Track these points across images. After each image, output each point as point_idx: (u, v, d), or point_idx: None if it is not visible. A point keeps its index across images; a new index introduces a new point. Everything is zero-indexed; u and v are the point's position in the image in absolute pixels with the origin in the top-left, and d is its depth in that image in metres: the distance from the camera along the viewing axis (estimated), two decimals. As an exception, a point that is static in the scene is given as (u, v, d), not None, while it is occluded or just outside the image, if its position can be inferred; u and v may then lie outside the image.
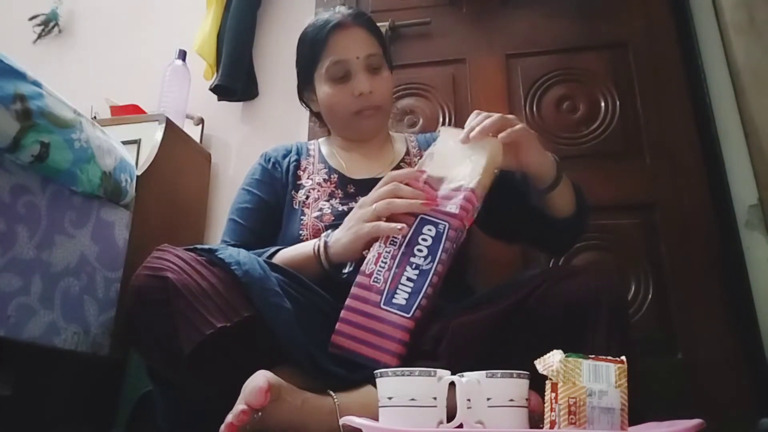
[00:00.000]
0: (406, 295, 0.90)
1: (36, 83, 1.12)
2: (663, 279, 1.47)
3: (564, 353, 0.70)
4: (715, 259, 1.45)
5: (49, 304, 1.16)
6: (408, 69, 1.75)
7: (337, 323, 0.91)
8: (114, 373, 1.35)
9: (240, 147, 1.92)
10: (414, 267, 0.91)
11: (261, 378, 0.77)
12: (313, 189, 1.19)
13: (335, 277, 1.02)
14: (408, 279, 0.91)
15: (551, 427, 0.68)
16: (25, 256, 1.12)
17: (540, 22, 1.74)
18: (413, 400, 0.72)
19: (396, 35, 1.79)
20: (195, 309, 0.84)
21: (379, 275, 0.92)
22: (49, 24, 2.23)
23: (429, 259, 0.91)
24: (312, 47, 1.21)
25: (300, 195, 1.19)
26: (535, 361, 0.73)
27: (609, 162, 1.58)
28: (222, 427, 0.74)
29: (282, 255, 1.06)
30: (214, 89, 1.88)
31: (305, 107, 1.34)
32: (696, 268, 1.45)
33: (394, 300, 0.90)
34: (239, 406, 0.75)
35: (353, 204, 1.08)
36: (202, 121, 1.92)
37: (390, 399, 0.73)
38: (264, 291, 0.88)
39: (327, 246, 1.01)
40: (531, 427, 0.76)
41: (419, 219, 0.94)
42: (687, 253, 1.47)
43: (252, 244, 1.11)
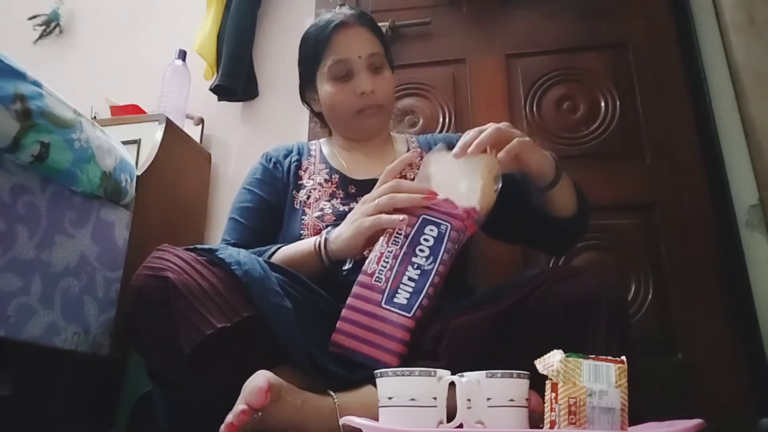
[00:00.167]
0: (407, 295, 0.90)
1: (36, 83, 1.12)
2: (663, 279, 1.47)
3: (564, 353, 0.70)
4: (715, 259, 1.45)
5: (49, 304, 1.16)
6: (408, 69, 1.74)
7: (338, 322, 0.91)
8: (114, 373, 1.35)
9: (240, 147, 1.92)
10: (416, 267, 0.91)
11: (261, 378, 0.77)
12: (314, 189, 1.19)
13: (335, 274, 1.02)
14: (409, 279, 0.91)
15: (551, 427, 0.68)
16: (25, 256, 1.12)
17: (540, 22, 1.74)
18: (413, 400, 0.72)
19: (396, 35, 1.79)
20: (195, 309, 0.84)
21: (381, 274, 0.92)
22: (51, 24, 2.23)
23: (431, 260, 0.91)
24: (314, 46, 1.21)
25: (301, 195, 1.19)
26: (535, 362, 0.73)
27: (609, 162, 1.58)
28: (222, 427, 0.74)
29: (283, 252, 1.07)
30: (214, 89, 1.88)
31: (307, 107, 1.34)
32: (696, 268, 1.45)
33: (395, 299, 0.90)
34: (239, 406, 0.75)
35: (354, 204, 1.08)
36: (202, 121, 1.92)
37: (390, 399, 0.73)
38: (264, 291, 0.88)
39: (328, 242, 1.01)
40: (531, 427, 0.76)
41: (421, 219, 0.94)
42: (687, 253, 1.47)
43: (253, 243, 1.12)
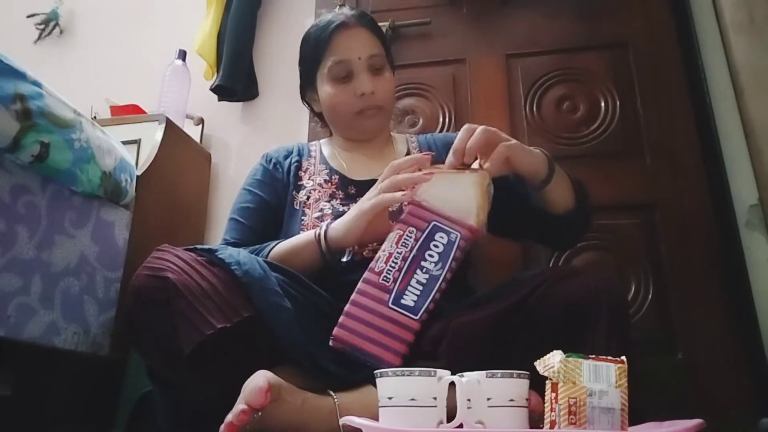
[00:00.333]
0: (415, 298, 0.91)
1: (36, 83, 1.12)
2: (663, 279, 1.47)
3: (564, 353, 0.70)
4: (715, 259, 1.45)
5: (49, 304, 1.16)
6: (408, 69, 1.74)
7: (341, 317, 0.91)
8: (114, 373, 1.35)
9: (240, 147, 1.92)
10: (424, 271, 0.92)
11: (261, 378, 0.77)
12: (314, 190, 1.19)
13: (333, 265, 1.02)
14: (417, 282, 0.92)
15: (551, 427, 0.68)
16: (25, 256, 1.12)
17: (540, 22, 1.74)
18: (413, 400, 0.72)
19: (396, 35, 1.79)
20: (195, 309, 0.84)
21: (389, 274, 0.92)
22: (50, 24, 2.23)
23: (439, 266, 0.92)
24: (315, 47, 1.21)
25: (301, 195, 1.20)
26: (535, 362, 0.73)
27: (609, 162, 1.58)
28: (222, 427, 0.74)
29: (283, 244, 1.07)
30: (214, 89, 1.88)
31: (307, 107, 1.34)
32: (696, 268, 1.45)
33: (402, 301, 0.91)
34: (239, 406, 0.75)
35: (354, 205, 1.08)
36: (202, 121, 1.92)
37: (390, 399, 0.73)
38: (264, 291, 0.88)
39: (329, 228, 1.02)
40: (531, 427, 0.76)
41: (432, 225, 0.95)
42: (687, 253, 1.47)
43: (253, 243, 1.12)
